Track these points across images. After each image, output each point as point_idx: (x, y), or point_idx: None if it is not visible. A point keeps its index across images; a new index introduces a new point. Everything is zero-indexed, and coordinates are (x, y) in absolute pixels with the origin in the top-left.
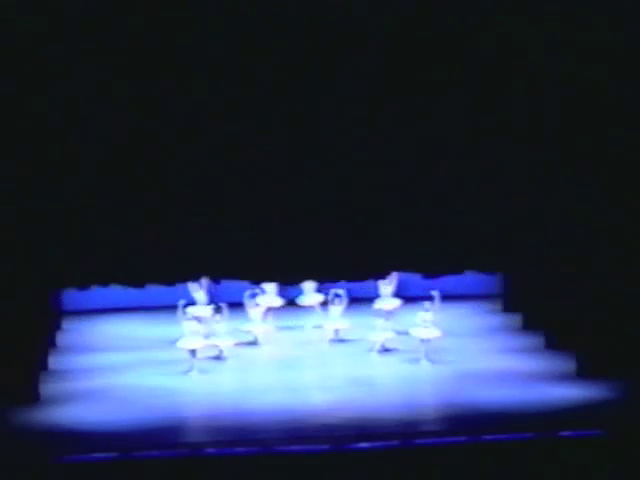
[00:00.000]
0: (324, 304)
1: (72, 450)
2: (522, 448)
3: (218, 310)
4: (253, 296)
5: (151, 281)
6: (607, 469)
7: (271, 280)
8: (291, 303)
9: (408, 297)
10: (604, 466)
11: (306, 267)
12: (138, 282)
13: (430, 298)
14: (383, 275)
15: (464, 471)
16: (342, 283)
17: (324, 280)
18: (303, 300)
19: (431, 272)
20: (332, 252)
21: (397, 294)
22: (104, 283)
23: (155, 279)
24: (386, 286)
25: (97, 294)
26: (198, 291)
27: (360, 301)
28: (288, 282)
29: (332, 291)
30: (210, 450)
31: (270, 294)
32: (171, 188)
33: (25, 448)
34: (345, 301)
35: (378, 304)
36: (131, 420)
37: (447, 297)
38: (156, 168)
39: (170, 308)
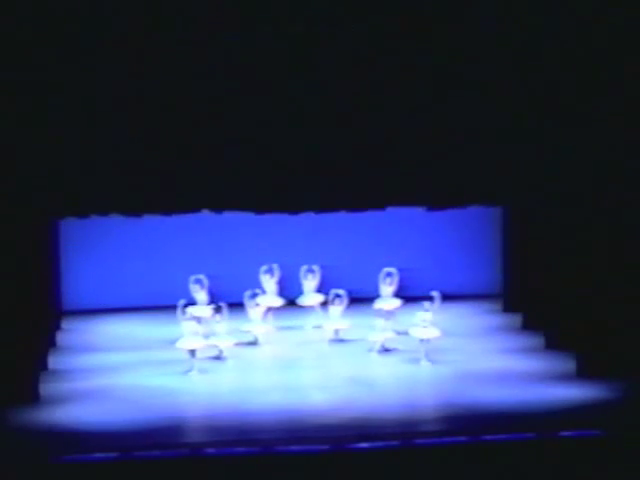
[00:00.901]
0: (324, 304)
1: (72, 450)
2: (522, 448)
3: (218, 310)
4: (253, 296)
5: (150, 211)
6: (607, 469)
7: (270, 210)
8: (291, 303)
9: (408, 297)
10: (604, 466)
11: (306, 197)
12: (137, 211)
13: (430, 298)
14: (383, 207)
15: (464, 471)
16: (342, 284)
17: (323, 210)
18: (303, 300)
19: (431, 205)
20: (332, 182)
21: (397, 294)
22: (103, 212)
23: (154, 209)
24: (386, 286)
25: (97, 294)
26: (198, 291)
27: (360, 301)
28: (287, 211)
29: (332, 291)
30: (210, 450)
31: (270, 294)
32: (172, 117)
33: (25, 448)
34: (345, 301)
35: (378, 304)
36: (131, 420)
37: (447, 297)
38: (157, 97)
39: (170, 308)
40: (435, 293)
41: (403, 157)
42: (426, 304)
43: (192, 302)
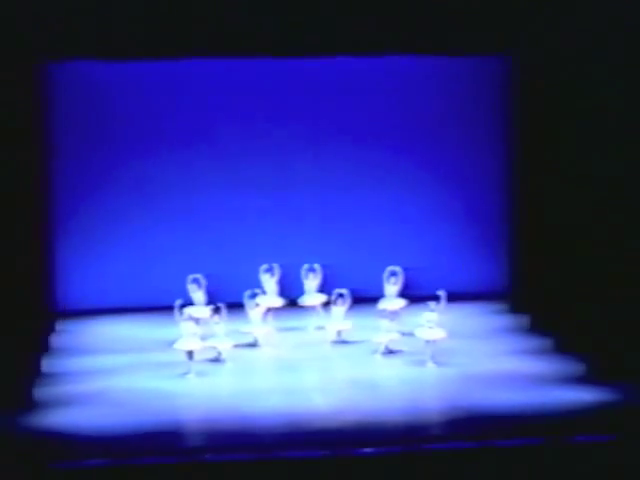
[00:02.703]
0: (326, 304)
1: (66, 456)
2: (531, 454)
3: (216, 311)
4: (253, 296)
5: (144, 54)
6: (619, 475)
7: (269, 53)
8: (292, 303)
9: (413, 297)
10: (616, 472)
11: (306, 41)
12: (131, 55)
13: (436, 298)
14: (382, 52)
15: (471, 478)
16: (345, 283)
17: (322, 53)
18: (304, 300)
19: (431, 52)
20: (332, 26)
21: (402, 294)
22: (95, 55)
23: (149, 52)
24: (391, 286)
25: (92, 294)
26: (196, 291)
27: (363, 301)
28: (286, 55)
29: (335, 291)
30: (208, 455)
31: (270, 294)
32: None
33: (18, 454)
34: (348, 301)
35: (382, 304)
36: (127, 425)
37: (453, 297)
38: None
39: (167, 309)
40: (441, 293)
41: (403, 1)
42: (432, 304)
43: (190, 302)
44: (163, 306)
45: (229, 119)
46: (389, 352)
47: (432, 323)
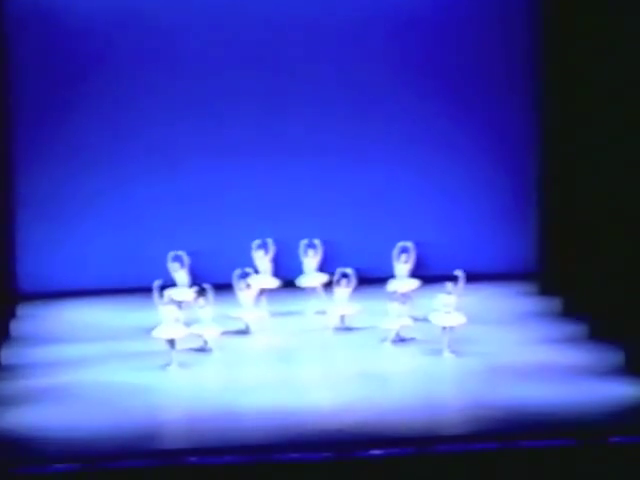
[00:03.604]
0: (328, 286)
1: (29, 460)
2: (564, 456)
3: (202, 293)
4: (243, 276)
5: None
6: None
7: None
8: (289, 284)
9: (427, 277)
10: None
11: None
12: None
13: (453, 278)
14: None
15: None
16: (349, 261)
17: None
18: (303, 281)
19: None
20: None
21: (414, 274)
22: None
23: None
24: (402, 264)
25: (58, 274)
26: (178, 271)
27: (371, 282)
28: None
29: (338, 270)
30: (192, 459)
31: (264, 274)
32: None
33: None
34: (353, 282)
35: (392, 286)
36: (99, 424)
37: (473, 277)
38: None
39: (144, 291)
40: (459, 272)
41: None
42: (449, 285)
43: (171, 283)
44: (140, 288)
45: (213, 69)
46: (400, 340)
47: (449, 307)
